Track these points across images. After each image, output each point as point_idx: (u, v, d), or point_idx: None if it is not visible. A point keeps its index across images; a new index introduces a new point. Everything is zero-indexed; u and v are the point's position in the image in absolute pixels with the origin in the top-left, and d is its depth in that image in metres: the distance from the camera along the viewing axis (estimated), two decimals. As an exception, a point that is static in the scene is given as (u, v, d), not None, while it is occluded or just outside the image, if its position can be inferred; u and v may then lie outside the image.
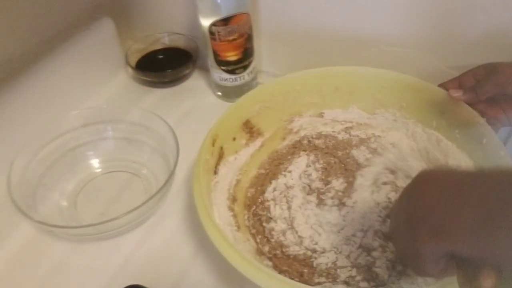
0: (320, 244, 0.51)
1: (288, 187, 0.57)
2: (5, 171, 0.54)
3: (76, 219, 0.56)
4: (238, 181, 0.57)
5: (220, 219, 0.50)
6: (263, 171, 0.60)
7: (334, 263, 0.49)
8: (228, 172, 0.56)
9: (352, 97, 0.62)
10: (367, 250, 0.50)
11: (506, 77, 0.50)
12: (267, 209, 0.55)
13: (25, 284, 0.51)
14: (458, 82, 0.55)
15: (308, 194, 0.56)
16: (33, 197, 0.56)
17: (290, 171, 0.59)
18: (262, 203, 0.56)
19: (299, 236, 0.52)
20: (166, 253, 0.53)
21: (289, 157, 0.61)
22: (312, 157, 0.60)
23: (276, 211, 0.55)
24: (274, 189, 0.57)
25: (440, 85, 0.56)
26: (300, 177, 0.58)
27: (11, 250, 0.54)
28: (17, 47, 0.61)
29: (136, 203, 0.51)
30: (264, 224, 0.54)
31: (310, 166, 0.60)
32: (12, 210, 0.51)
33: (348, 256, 0.49)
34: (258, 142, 0.61)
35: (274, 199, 0.56)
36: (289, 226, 0.53)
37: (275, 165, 0.60)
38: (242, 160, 0.59)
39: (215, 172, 0.54)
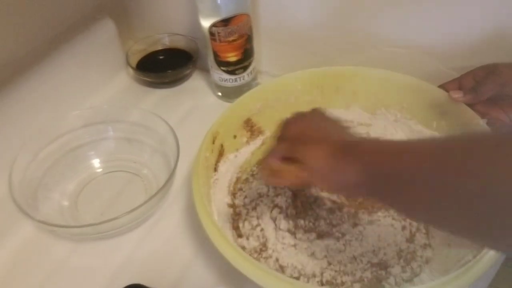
0: (307, 270, 0.48)
1: (261, 196, 0.55)
2: (7, 171, 0.54)
3: (76, 219, 0.57)
4: (238, 179, 0.57)
5: (219, 215, 0.50)
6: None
7: (329, 281, 0.47)
8: (228, 169, 0.57)
9: (354, 97, 0.62)
10: (381, 266, 0.48)
11: (506, 77, 0.50)
12: (239, 215, 0.53)
13: (25, 283, 0.51)
14: (458, 83, 0.55)
15: (280, 229, 0.51)
16: (34, 197, 0.56)
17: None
18: (236, 206, 0.55)
19: (280, 266, 0.48)
20: (166, 253, 0.53)
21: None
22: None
23: (244, 227, 0.52)
24: (245, 196, 0.55)
25: (440, 86, 0.56)
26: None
27: (12, 249, 0.54)
28: (18, 48, 0.62)
29: (137, 203, 0.51)
30: (237, 239, 0.51)
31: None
32: (13, 210, 0.51)
33: (352, 273, 0.47)
34: (259, 141, 0.61)
35: (244, 205, 0.54)
36: (263, 248, 0.50)
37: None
38: (243, 158, 0.59)
39: (215, 169, 0.55)
